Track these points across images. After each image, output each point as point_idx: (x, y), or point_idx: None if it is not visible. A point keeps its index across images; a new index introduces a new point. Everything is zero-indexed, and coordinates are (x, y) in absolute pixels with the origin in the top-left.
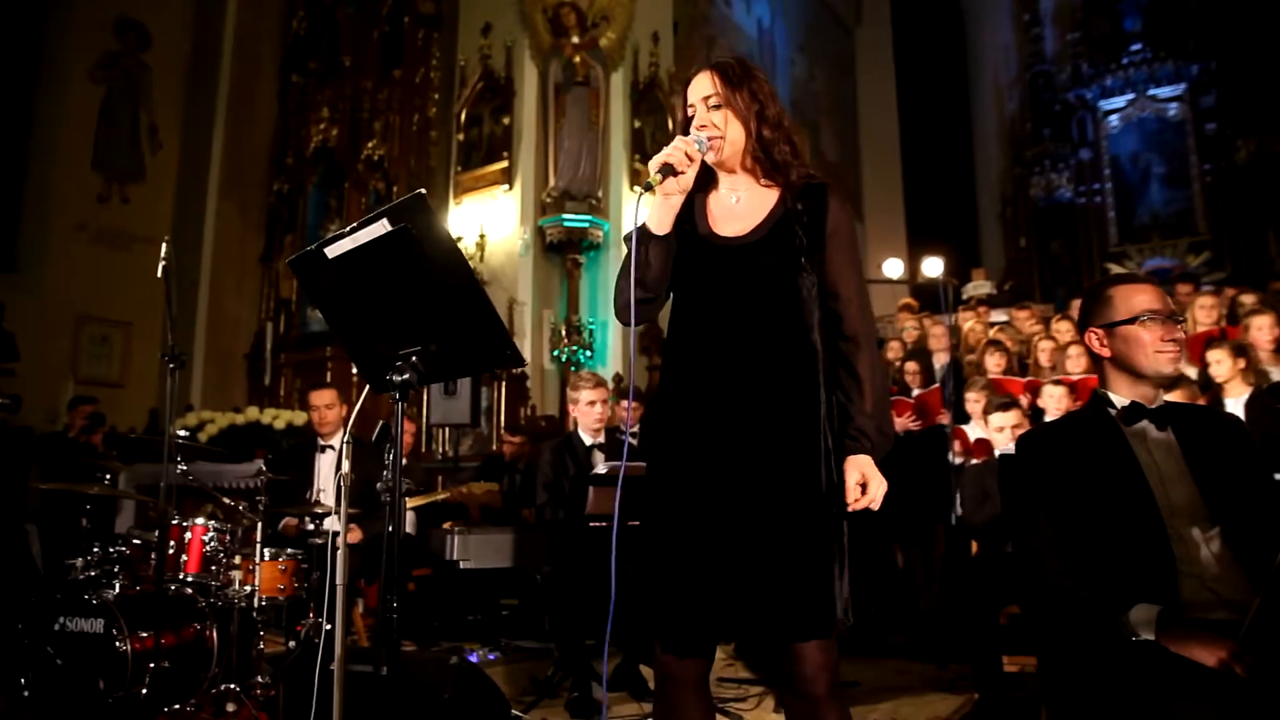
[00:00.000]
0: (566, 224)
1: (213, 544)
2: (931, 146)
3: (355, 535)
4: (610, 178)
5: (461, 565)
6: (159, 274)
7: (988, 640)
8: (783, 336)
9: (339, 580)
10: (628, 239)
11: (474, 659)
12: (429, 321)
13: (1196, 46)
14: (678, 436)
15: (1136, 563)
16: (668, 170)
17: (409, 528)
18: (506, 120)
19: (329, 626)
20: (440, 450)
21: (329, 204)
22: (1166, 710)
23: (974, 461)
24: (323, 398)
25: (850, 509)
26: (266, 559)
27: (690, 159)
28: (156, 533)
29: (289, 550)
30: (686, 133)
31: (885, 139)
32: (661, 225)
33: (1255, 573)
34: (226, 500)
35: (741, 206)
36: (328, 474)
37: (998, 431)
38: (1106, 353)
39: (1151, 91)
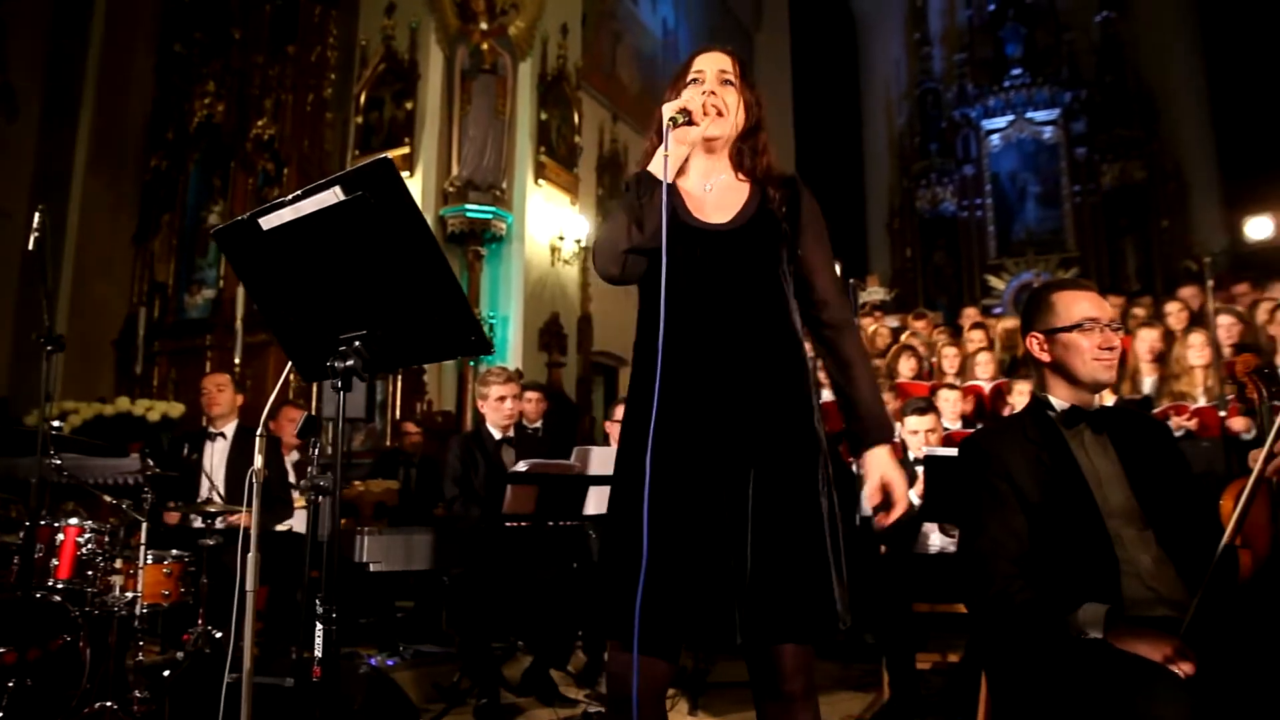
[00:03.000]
0: (469, 214)
1: (89, 547)
2: (824, 155)
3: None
4: (515, 169)
5: (372, 568)
6: (30, 246)
7: (900, 638)
8: (768, 325)
9: (249, 586)
10: (627, 185)
11: (373, 664)
12: (382, 303)
13: (1070, 75)
14: (663, 427)
15: (1081, 563)
16: (685, 115)
17: (300, 527)
18: (409, 105)
19: (219, 634)
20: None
21: (212, 184)
22: (1130, 705)
23: None
24: (215, 379)
25: (879, 523)
26: (150, 562)
27: (706, 113)
28: (21, 535)
29: (174, 552)
30: (675, 94)
31: (780, 145)
32: (670, 170)
33: (1187, 571)
34: (108, 498)
35: (716, 195)
36: (219, 466)
37: (912, 434)
38: (1047, 357)
39: (1029, 114)
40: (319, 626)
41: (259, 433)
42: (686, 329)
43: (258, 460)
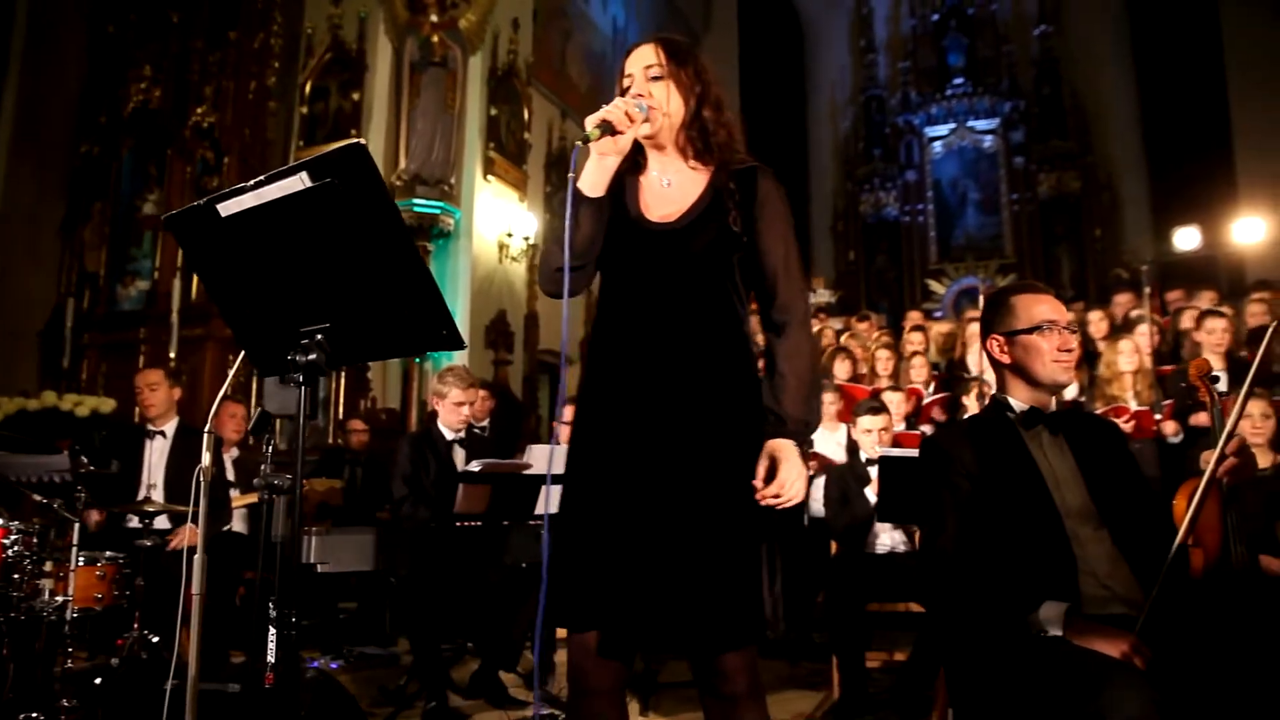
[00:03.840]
0: (417, 209)
1: (15, 548)
2: (770, 157)
3: (179, 539)
4: (464, 164)
5: (320, 569)
6: None
7: (851, 637)
8: (715, 326)
9: (195, 589)
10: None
11: (315, 667)
12: (348, 294)
13: (1009, 86)
14: (606, 430)
15: (1040, 562)
16: (606, 128)
17: (239, 526)
18: (356, 96)
19: (157, 639)
20: (274, 443)
21: (148, 171)
22: (1092, 699)
23: (839, 462)
24: (146, 377)
25: (760, 498)
26: (82, 564)
27: (630, 119)
28: None
29: (109, 554)
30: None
31: None
32: (595, 187)
33: (1140, 569)
34: (37, 497)
35: (673, 190)
36: (158, 465)
37: (865, 434)
38: (1006, 359)
39: (970, 123)
40: (272, 631)
41: (206, 429)
42: (632, 332)
43: (205, 459)
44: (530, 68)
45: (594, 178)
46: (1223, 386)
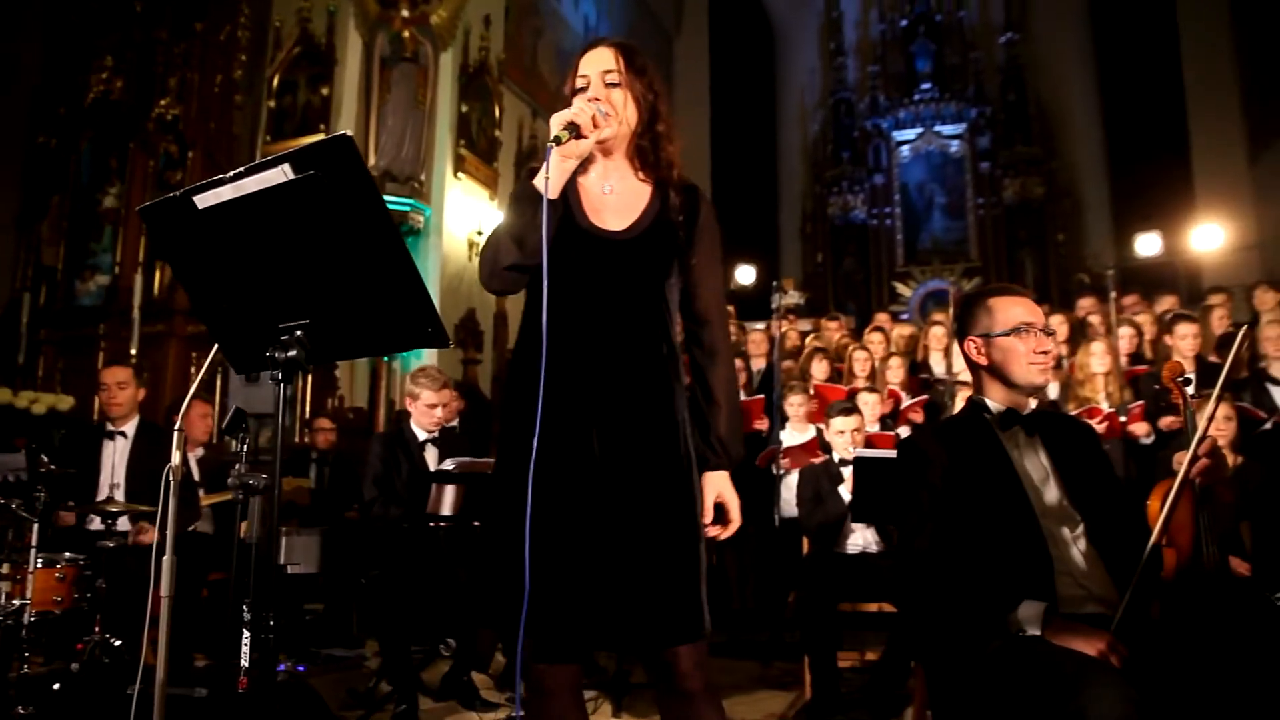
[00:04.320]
0: (387, 206)
1: None
2: (739, 159)
3: (150, 535)
4: (434, 161)
5: (290, 570)
6: None
7: (823, 637)
8: (648, 337)
9: (164, 591)
10: (512, 199)
11: (283, 670)
12: (331, 290)
13: (976, 93)
14: (544, 433)
15: (1017, 562)
16: (573, 130)
17: (206, 526)
18: (325, 90)
19: (119, 643)
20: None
21: (108, 164)
22: (1072, 697)
23: (815, 462)
24: (115, 375)
25: (711, 534)
26: (40, 566)
27: (596, 125)
28: None
29: (68, 555)
30: (569, 103)
31: (697, 148)
32: (553, 188)
33: (1115, 569)
34: None
35: (615, 198)
36: (119, 465)
37: (838, 435)
38: (984, 361)
39: (937, 128)
40: (247, 634)
41: (177, 427)
42: (569, 338)
43: (176, 457)
44: (502, 65)
45: (554, 179)
46: (1191, 390)
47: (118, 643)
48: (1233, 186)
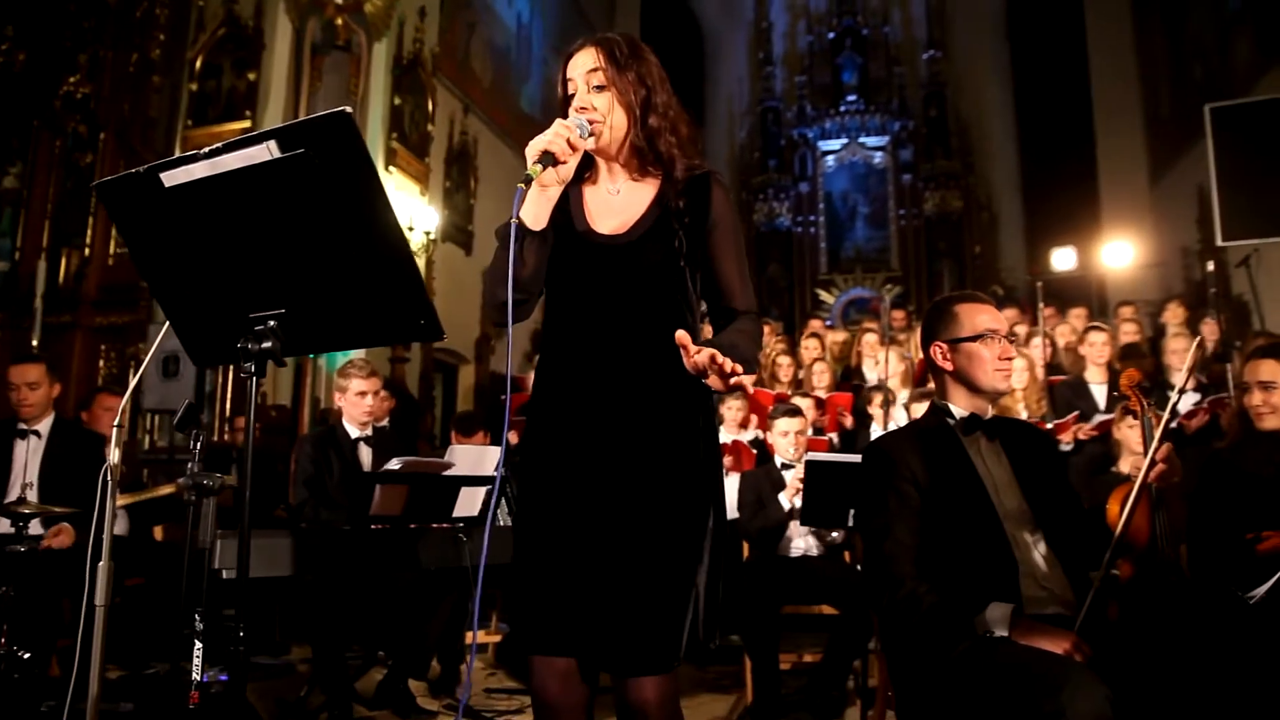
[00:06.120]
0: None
1: None
2: None
3: (64, 539)
4: None
5: (225, 575)
6: None
7: (766, 639)
8: (664, 342)
9: (99, 600)
10: (498, 233)
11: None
12: (312, 278)
13: (899, 106)
14: (554, 446)
15: (982, 565)
16: (548, 160)
17: (120, 528)
18: (252, 75)
19: (28, 655)
20: (152, 439)
21: (9, 143)
22: (1053, 700)
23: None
24: (25, 374)
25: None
26: None
27: (573, 147)
28: None
29: None
30: (565, 109)
31: None
32: (538, 220)
33: (1072, 571)
34: None
35: (619, 200)
36: (33, 464)
37: (782, 436)
38: (949, 366)
39: (862, 139)
40: (198, 645)
41: (115, 424)
42: (582, 349)
43: (114, 455)
44: (435, 58)
45: (536, 210)
46: (1101, 400)
47: (27, 655)
48: (1135, 207)
